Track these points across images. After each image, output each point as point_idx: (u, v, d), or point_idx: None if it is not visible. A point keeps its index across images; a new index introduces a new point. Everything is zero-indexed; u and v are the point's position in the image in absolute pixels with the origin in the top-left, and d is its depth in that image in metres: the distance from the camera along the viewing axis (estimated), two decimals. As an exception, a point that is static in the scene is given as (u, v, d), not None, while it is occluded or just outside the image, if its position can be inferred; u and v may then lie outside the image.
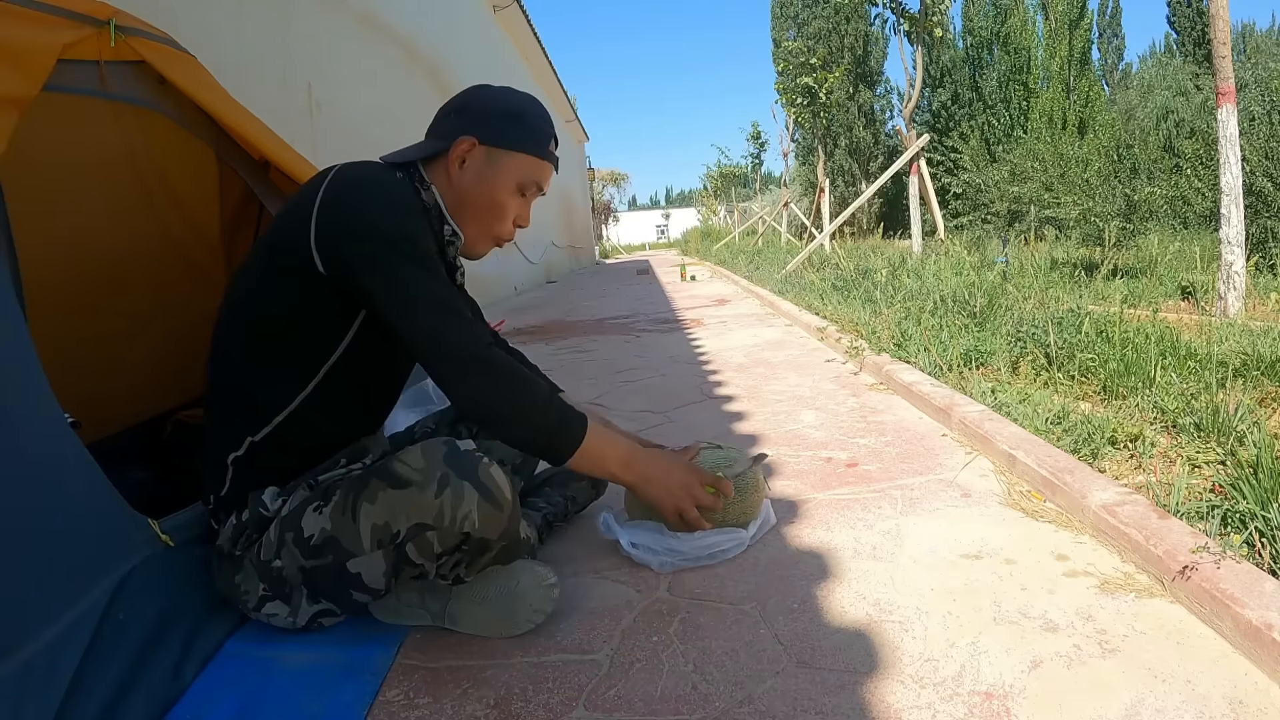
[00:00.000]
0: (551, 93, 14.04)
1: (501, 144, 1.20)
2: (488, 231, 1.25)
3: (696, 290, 7.99)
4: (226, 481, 1.14)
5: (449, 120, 1.22)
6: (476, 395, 1.09)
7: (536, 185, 1.25)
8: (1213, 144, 6.46)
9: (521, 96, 1.26)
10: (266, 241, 1.16)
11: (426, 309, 1.07)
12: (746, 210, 24.22)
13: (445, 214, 1.22)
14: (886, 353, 2.95)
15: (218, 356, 1.17)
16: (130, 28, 1.41)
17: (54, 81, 1.19)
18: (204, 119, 1.60)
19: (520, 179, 1.23)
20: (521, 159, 1.22)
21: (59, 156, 1.51)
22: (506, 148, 1.21)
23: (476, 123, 1.20)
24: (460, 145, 1.19)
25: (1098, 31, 20.91)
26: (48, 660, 0.85)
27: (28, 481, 0.89)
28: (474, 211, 1.23)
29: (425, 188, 1.21)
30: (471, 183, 1.21)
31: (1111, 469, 1.63)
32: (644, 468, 1.28)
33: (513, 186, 1.23)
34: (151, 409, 1.87)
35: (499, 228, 1.25)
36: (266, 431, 1.13)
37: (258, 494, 1.13)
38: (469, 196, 1.21)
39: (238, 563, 1.13)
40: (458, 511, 1.03)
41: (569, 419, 1.17)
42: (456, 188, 1.21)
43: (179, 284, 1.88)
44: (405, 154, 1.22)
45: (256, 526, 1.12)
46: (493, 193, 1.21)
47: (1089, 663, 1.01)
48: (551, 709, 1.00)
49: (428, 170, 1.22)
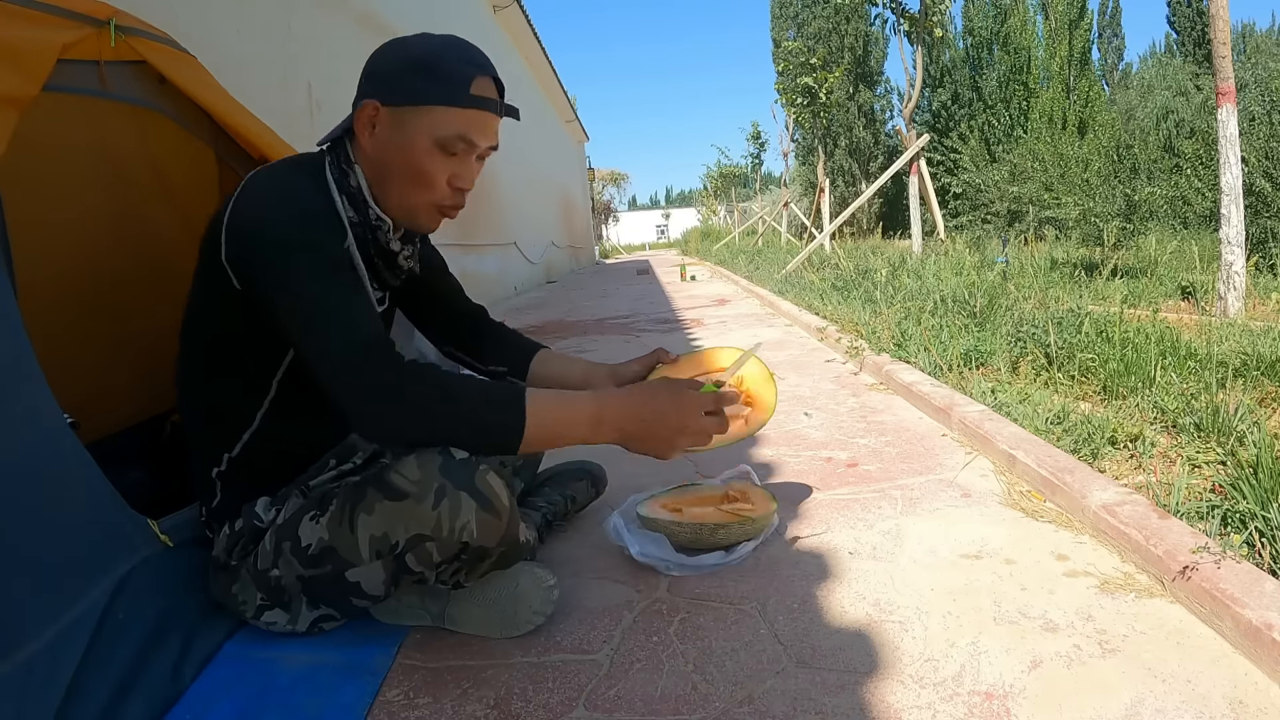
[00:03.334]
0: (551, 93, 14.04)
1: (405, 100, 1.06)
2: (419, 201, 1.12)
3: (696, 290, 7.98)
4: (216, 494, 1.14)
5: (360, 87, 1.10)
6: (372, 424, 0.98)
7: (464, 139, 1.08)
8: (1213, 144, 6.46)
9: (432, 42, 1.09)
10: (198, 260, 1.11)
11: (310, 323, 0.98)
12: (746, 210, 24.22)
13: (368, 197, 1.11)
14: (886, 353, 2.94)
15: (180, 377, 1.16)
16: (130, 28, 1.41)
17: (54, 81, 1.19)
18: (204, 119, 1.60)
19: (437, 135, 1.06)
20: (434, 113, 1.06)
21: (59, 157, 1.51)
22: (412, 103, 1.06)
23: (379, 82, 1.08)
24: (364, 111, 1.08)
25: (1098, 31, 20.92)
26: (48, 660, 0.85)
27: (27, 481, 0.89)
28: (397, 181, 1.10)
29: (350, 167, 1.11)
30: (384, 151, 1.09)
31: (1111, 469, 1.63)
32: (622, 421, 1.06)
33: (429, 146, 1.07)
34: (150, 409, 1.87)
35: (429, 195, 1.11)
36: (240, 447, 1.13)
37: (250, 505, 1.13)
38: (386, 166, 1.09)
39: (234, 572, 1.13)
40: (456, 522, 1.01)
41: (501, 412, 1.01)
42: (373, 159, 1.10)
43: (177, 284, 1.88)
44: (333, 132, 1.13)
45: (251, 536, 1.12)
46: (408, 157, 1.07)
47: (1089, 663, 1.01)
48: (551, 709, 1.00)
49: (354, 146, 1.12)
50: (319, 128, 3.77)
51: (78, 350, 1.49)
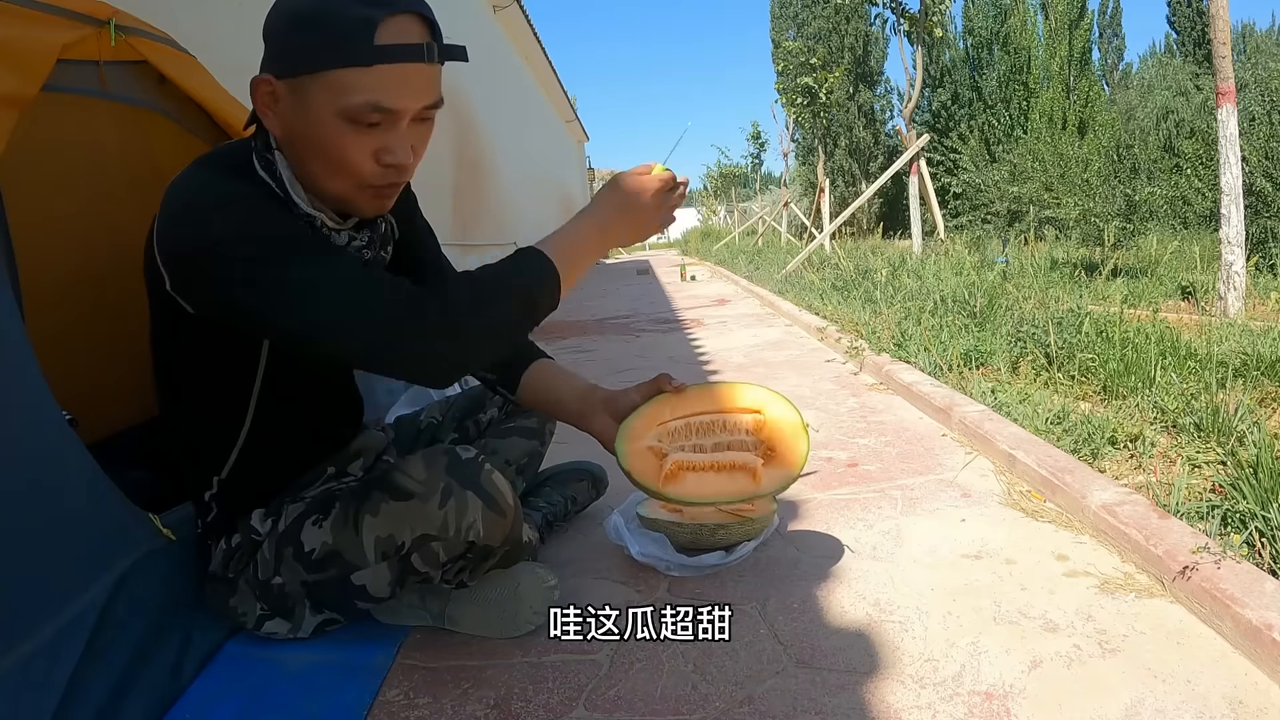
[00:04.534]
0: (551, 93, 14.03)
1: (295, 70, 0.87)
2: (342, 182, 0.94)
3: (696, 290, 7.98)
4: (211, 511, 1.12)
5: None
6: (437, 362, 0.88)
7: (376, 107, 0.86)
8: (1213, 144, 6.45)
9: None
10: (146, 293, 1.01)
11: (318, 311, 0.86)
12: (746, 210, 24.21)
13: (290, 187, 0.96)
14: (886, 353, 2.94)
15: (160, 406, 1.12)
16: (130, 27, 1.41)
17: (54, 81, 1.19)
18: (204, 119, 1.59)
19: (341, 105, 0.86)
20: (330, 78, 0.85)
21: (58, 157, 1.51)
22: (305, 71, 0.86)
23: (269, 51, 0.90)
24: (259, 90, 0.90)
25: (1098, 31, 20.89)
26: (48, 656, 0.85)
27: (26, 478, 0.89)
28: (314, 166, 0.93)
29: (273, 153, 0.96)
30: (290, 131, 0.92)
31: (1111, 469, 1.63)
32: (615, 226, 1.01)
33: (334, 122, 0.87)
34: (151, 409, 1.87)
35: (354, 177, 0.92)
36: (229, 469, 1.09)
37: (244, 520, 1.11)
38: (299, 151, 0.93)
39: (231, 585, 1.11)
40: (462, 521, 1.01)
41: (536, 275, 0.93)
42: (284, 141, 0.94)
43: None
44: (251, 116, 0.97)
45: (249, 549, 1.10)
46: (314, 136, 0.89)
47: (1089, 663, 1.01)
48: (551, 709, 1.00)
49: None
50: (319, 128, 3.77)
51: (78, 350, 1.49)
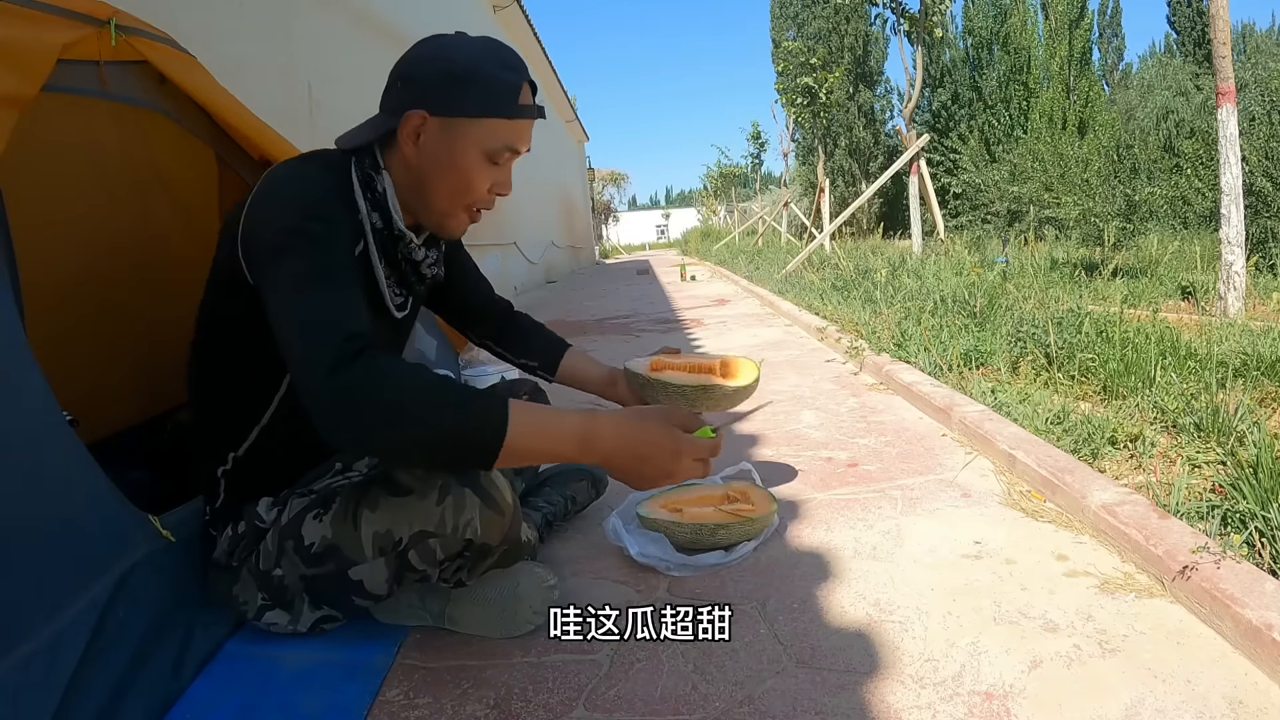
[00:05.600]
0: (551, 93, 14.04)
1: (456, 112, 1.04)
2: (456, 205, 1.11)
3: (696, 290, 7.98)
4: (220, 493, 1.13)
5: (396, 91, 1.07)
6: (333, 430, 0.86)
7: (510, 149, 1.08)
8: (1213, 144, 6.46)
9: (474, 49, 1.06)
10: (215, 257, 1.10)
11: (292, 325, 0.90)
12: (746, 210, 24.22)
13: (393, 207, 1.09)
14: (886, 353, 2.94)
15: (191, 373, 1.16)
16: (130, 27, 1.41)
17: (54, 81, 1.19)
18: (204, 119, 1.60)
19: (487, 147, 1.06)
20: (484, 125, 1.05)
21: (59, 157, 1.51)
22: (463, 115, 1.04)
23: (425, 92, 1.04)
24: (410, 121, 1.04)
25: (1098, 31, 20.90)
26: (48, 657, 0.85)
27: (26, 478, 0.89)
28: (439, 188, 1.09)
29: (379, 173, 1.09)
30: (431, 161, 1.07)
31: (1111, 469, 1.63)
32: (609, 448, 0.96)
33: (478, 157, 1.07)
34: (150, 409, 1.87)
35: (468, 197, 1.10)
36: (246, 446, 1.12)
37: (252, 506, 1.12)
38: (429, 175, 1.08)
39: (234, 573, 1.13)
40: (459, 519, 1.02)
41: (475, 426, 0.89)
42: (415, 169, 1.08)
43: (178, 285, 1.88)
44: (358, 135, 1.10)
45: (253, 537, 1.12)
46: (456, 168, 1.07)
47: (1089, 663, 1.01)
48: (551, 709, 1.00)
49: (385, 151, 1.10)
50: (319, 128, 3.77)
51: (78, 350, 1.49)
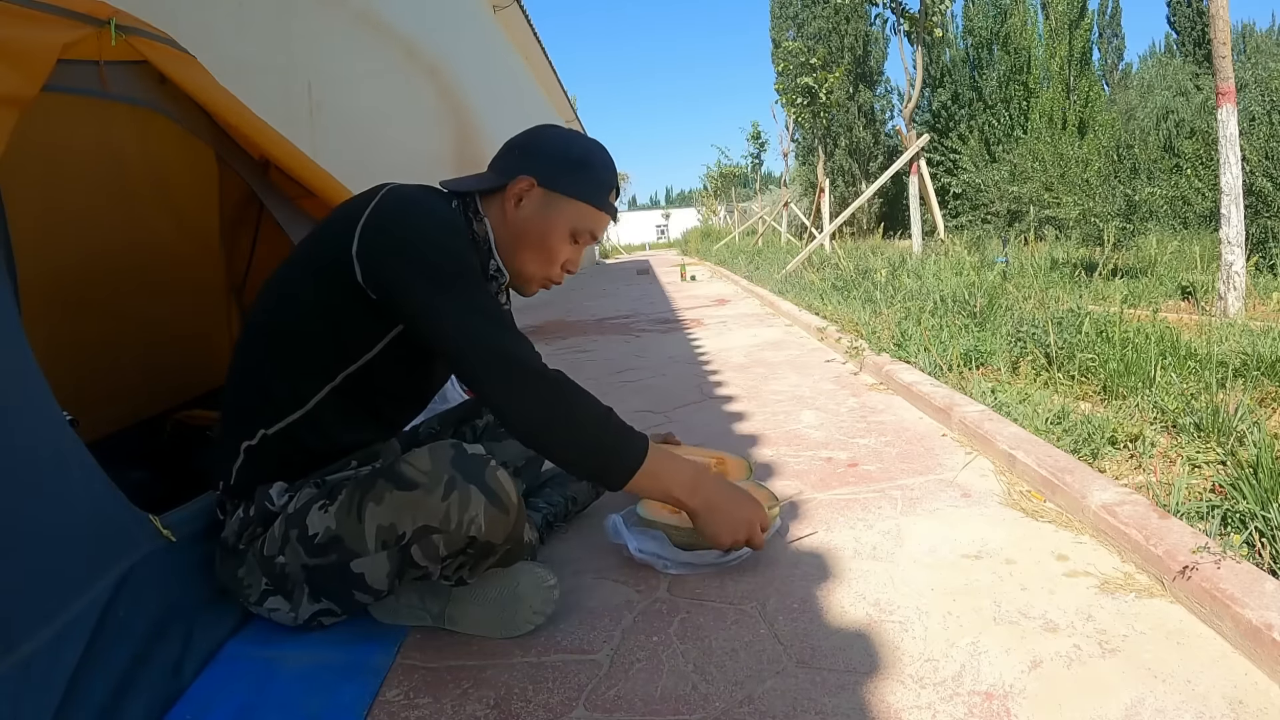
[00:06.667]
0: (551, 93, 14.03)
1: (560, 189, 1.20)
2: (536, 271, 1.24)
3: (696, 290, 7.99)
4: (235, 470, 1.14)
5: (512, 156, 1.22)
6: (531, 409, 1.05)
7: (590, 233, 1.24)
8: (1213, 144, 6.46)
9: (588, 143, 1.25)
10: (307, 244, 1.17)
11: (480, 322, 1.05)
12: (746, 210, 24.21)
13: (494, 249, 1.22)
14: (886, 353, 2.95)
15: (244, 346, 1.18)
16: (131, 27, 1.41)
17: (54, 81, 1.19)
18: (204, 119, 1.60)
19: (574, 226, 1.21)
20: (579, 207, 1.21)
21: (59, 157, 1.51)
22: (565, 194, 1.20)
23: (538, 164, 1.20)
24: (519, 184, 1.19)
25: (1098, 31, 20.90)
26: (48, 657, 0.85)
27: (26, 479, 0.89)
28: (524, 251, 1.22)
29: (479, 219, 1.21)
30: (525, 223, 1.20)
31: (1111, 469, 1.63)
32: (711, 495, 1.22)
33: (566, 232, 1.21)
34: (150, 409, 1.87)
35: (547, 269, 1.24)
36: (281, 426, 1.13)
37: (265, 488, 1.13)
38: (521, 236, 1.21)
39: (241, 556, 1.14)
40: (464, 515, 1.03)
41: (628, 440, 1.13)
42: (510, 225, 1.21)
43: (177, 286, 1.89)
44: (464, 183, 1.22)
45: (261, 521, 1.12)
46: (545, 236, 1.21)
47: (1089, 663, 1.01)
48: (551, 709, 1.00)
49: (484, 203, 1.21)
50: (319, 128, 3.77)
51: (78, 350, 1.49)
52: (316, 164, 1.71)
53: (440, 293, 1.05)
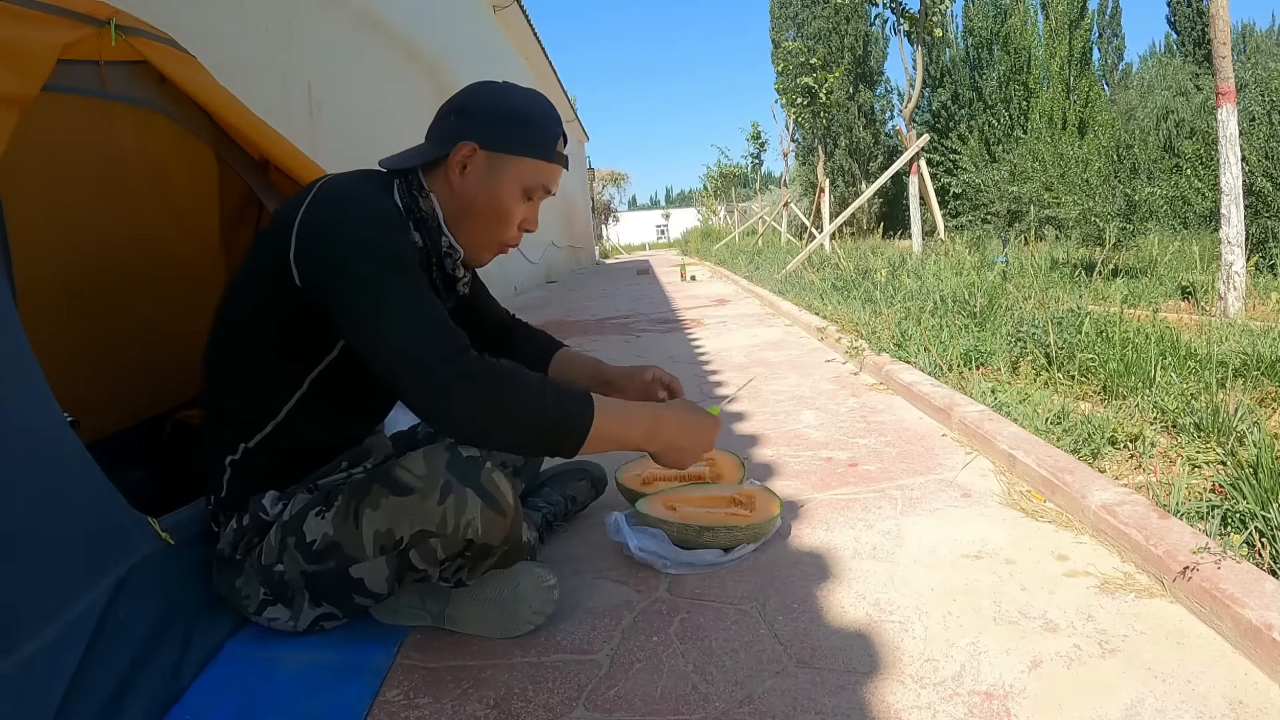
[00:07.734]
0: (551, 93, 14.04)
1: (504, 149, 1.14)
2: (492, 238, 1.19)
3: (696, 290, 7.99)
4: (225, 483, 1.14)
5: (448, 122, 1.16)
6: (458, 412, 0.96)
7: (544, 188, 1.19)
8: (1213, 144, 6.46)
9: (525, 95, 1.19)
10: (253, 252, 1.13)
11: (392, 323, 0.97)
12: (746, 210, 24.21)
13: (443, 224, 1.17)
14: (886, 353, 2.94)
15: (209, 361, 1.16)
16: (131, 27, 1.41)
17: (54, 81, 1.19)
18: (204, 119, 1.59)
19: (526, 184, 1.16)
20: (527, 164, 1.15)
21: (59, 157, 1.51)
22: (510, 152, 1.14)
23: (477, 125, 1.14)
24: (460, 150, 1.13)
25: (1098, 31, 20.88)
26: (48, 658, 0.85)
27: (26, 480, 0.89)
28: (477, 218, 1.17)
29: (424, 195, 1.15)
30: (474, 190, 1.15)
31: (1111, 469, 1.63)
32: (670, 435, 1.15)
33: (517, 192, 1.16)
34: (150, 409, 1.87)
35: (504, 234, 1.19)
36: (259, 438, 1.12)
37: (258, 498, 1.13)
38: (471, 203, 1.15)
39: (238, 567, 1.13)
40: (461, 519, 1.02)
41: (571, 410, 1.03)
42: (458, 195, 1.15)
43: (176, 285, 1.88)
44: (404, 158, 1.17)
45: (257, 531, 1.12)
46: (497, 199, 1.15)
47: (1089, 663, 1.01)
48: (551, 709, 1.00)
49: (428, 176, 1.16)
50: (319, 128, 3.77)
51: (77, 350, 1.49)
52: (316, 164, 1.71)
53: (358, 296, 0.99)
